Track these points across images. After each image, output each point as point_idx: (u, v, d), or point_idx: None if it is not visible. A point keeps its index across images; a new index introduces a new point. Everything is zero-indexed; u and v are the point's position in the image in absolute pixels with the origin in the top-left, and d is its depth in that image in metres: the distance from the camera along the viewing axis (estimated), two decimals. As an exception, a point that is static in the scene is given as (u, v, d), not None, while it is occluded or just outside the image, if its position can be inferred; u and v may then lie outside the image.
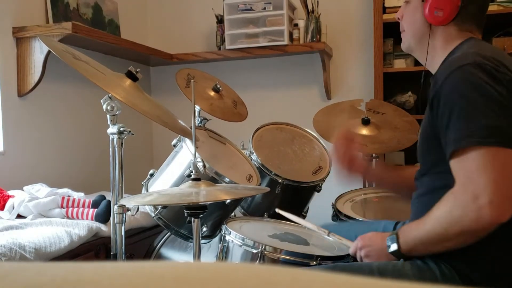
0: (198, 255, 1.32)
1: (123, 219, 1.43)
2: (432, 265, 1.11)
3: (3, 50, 2.17)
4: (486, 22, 1.26)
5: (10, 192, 1.93)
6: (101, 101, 1.37)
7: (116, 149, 1.40)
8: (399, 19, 1.33)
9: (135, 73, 1.37)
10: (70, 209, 1.80)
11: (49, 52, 2.16)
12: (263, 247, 1.33)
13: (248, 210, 1.93)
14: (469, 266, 1.09)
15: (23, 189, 1.97)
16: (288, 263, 1.31)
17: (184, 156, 1.62)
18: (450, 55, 1.19)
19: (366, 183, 2.28)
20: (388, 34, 2.63)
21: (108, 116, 1.39)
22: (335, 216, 1.89)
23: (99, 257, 1.76)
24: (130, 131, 1.40)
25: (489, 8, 1.28)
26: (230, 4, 2.82)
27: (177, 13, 3.29)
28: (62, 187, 2.00)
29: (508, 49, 2.42)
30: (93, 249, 1.74)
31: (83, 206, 1.82)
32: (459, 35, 1.20)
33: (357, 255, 1.23)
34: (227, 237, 1.44)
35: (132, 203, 1.26)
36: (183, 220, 1.44)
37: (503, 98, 1.01)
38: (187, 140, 1.59)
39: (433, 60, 1.25)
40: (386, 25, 2.60)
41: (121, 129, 1.38)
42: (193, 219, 1.29)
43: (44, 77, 2.22)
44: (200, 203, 1.23)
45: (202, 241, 1.70)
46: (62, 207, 1.82)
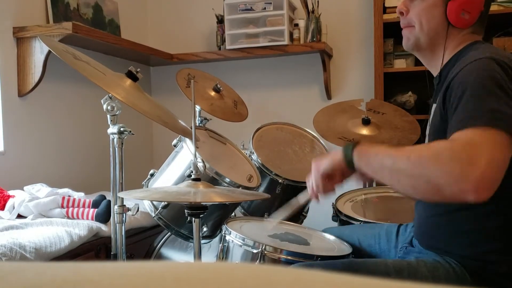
0: (198, 255, 1.32)
1: (123, 219, 1.43)
2: (445, 262, 1.11)
3: (3, 50, 2.17)
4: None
5: (11, 192, 1.93)
6: (102, 101, 1.38)
7: (117, 149, 1.40)
8: (402, 13, 1.24)
9: (135, 73, 1.37)
10: (71, 209, 1.81)
11: (49, 52, 2.16)
12: (263, 247, 1.33)
13: (248, 210, 1.93)
14: (480, 265, 1.09)
15: (23, 189, 1.97)
16: (289, 263, 1.31)
17: (185, 156, 1.62)
18: (454, 57, 1.18)
19: (366, 183, 2.28)
20: (388, 34, 2.63)
21: (108, 116, 1.39)
22: (335, 216, 1.88)
23: (99, 257, 1.76)
24: (130, 131, 1.40)
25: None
26: (230, 4, 2.82)
27: (177, 13, 3.29)
28: (63, 187, 2.00)
29: (508, 49, 2.42)
30: (93, 249, 1.74)
31: (84, 206, 1.82)
32: (469, 38, 1.19)
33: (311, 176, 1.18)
34: (227, 237, 1.44)
35: (128, 197, 1.26)
36: (183, 220, 1.44)
37: None
38: (187, 140, 1.59)
39: (438, 61, 1.22)
40: (387, 25, 2.60)
41: (122, 129, 1.38)
42: (193, 219, 1.29)
43: (44, 77, 2.22)
44: (195, 203, 1.23)
45: (203, 241, 1.70)
46: (62, 207, 1.82)
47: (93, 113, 2.67)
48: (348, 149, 1.06)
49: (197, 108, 1.90)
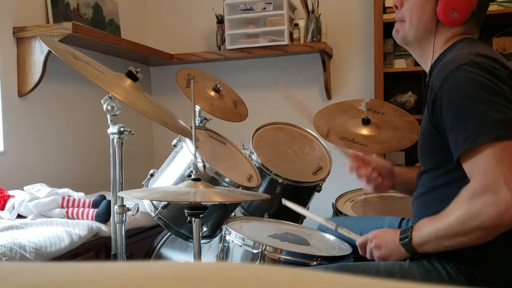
0: (198, 255, 1.32)
1: (123, 219, 1.43)
2: (438, 266, 1.11)
3: (3, 50, 2.17)
4: (486, 22, 1.25)
5: (11, 192, 1.93)
6: (102, 101, 1.38)
7: (116, 149, 1.40)
8: (396, 7, 1.26)
9: (135, 73, 1.37)
10: (71, 209, 1.81)
11: (49, 52, 2.16)
12: (263, 247, 1.33)
13: (248, 210, 1.93)
14: (475, 268, 1.08)
15: (23, 189, 1.97)
16: (289, 263, 1.31)
17: (185, 156, 1.62)
18: (442, 55, 1.18)
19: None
20: (388, 34, 2.63)
21: (108, 116, 1.39)
22: (336, 215, 1.89)
23: (99, 257, 1.76)
24: (130, 131, 1.40)
25: (489, 8, 1.27)
26: (230, 4, 2.82)
27: (177, 13, 3.29)
28: (62, 187, 2.00)
29: (508, 49, 2.42)
30: (93, 249, 1.74)
31: (83, 206, 1.82)
32: (458, 36, 1.19)
33: (367, 247, 1.21)
34: (227, 237, 1.44)
35: (128, 196, 1.26)
36: (183, 220, 1.44)
37: (506, 92, 1.00)
38: (187, 140, 1.59)
39: (428, 57, 1.22)
40: (387, 25, 2.60)
41: (121, 129, 1.38)
42: (193, 219, 1.29)
43: (44, 77, 2.22)
44: (195, 203, 1.23)
45: (202, 241, 1.70)
46: (62, 207, 1.82)
47: (93, 113, 2.67)
48: (408, 246, 1.10)
49: (197, 108, 1.89)
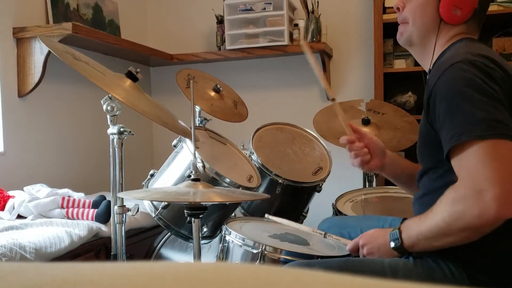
0: (198, 255, 1.32)
1: (123, 219, 1.43)
2: (442, 265, 1.11)
3: (3, 51, 2.17)
4: (486, 22, 1.25)
5: (10, 193, 1.93)
6: (101, 101, 1.37)
7: (116, 149, 1.40)
8: (398, 9, 1.26)
9: (135, 73, 1.37)
10: (70, 210, 1.80)
11: (49, 53, 2.16)
12: (263, 247, 1.33)
13: (248, 210, 1.93)
14: (478, 267, 1.08)
15: (23, 190, 1.97)
16: (289, 263, 1.31)
17: (185, 156, 1.62)
18: (441, 54, 1.19)
19: (367, 183, 2.29)
20: (388, 34, 2.63)
21: (108, 116, 1.39)
22: (335, 215, 1.88)
23: (99, 257, 1.76)
24: (130, 132, 1.40)
25: (489, 8, 1.28)
26: (230, 4, 2.82)
27: (177, 13, 3.29)
28: (62, 188, 2.00)
29: (508, 49, 2.42)
30: (93, 249, 1.74)
31: (83, 206, 1.82)
32: (459, 35, 1.19)
33: (359, 252, 1.22)
34: (227, 237, 1.44)
35: (128, 197, 1.27)
36: (183, 221, 1.44)
37: (497, 93, 1.00)
38: (187, 141, 1.59)
39: (429, 57, 1.23)
40: (386, 25, 2.60)
41: (121, 129, 1.38)
42: (193, 219, 1.29)
43: (44, 78, 2.22)
44: (194, 203, 1.23)
45: (202, 241, 1.70)
46: (62, 207, 1.82)
47: (93, 113, 2.67)
48: (400, 250, 1.11)
49: (197, 108, 1.90)
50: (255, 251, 1.35)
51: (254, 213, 1.90)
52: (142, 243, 1.97)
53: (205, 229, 1.63)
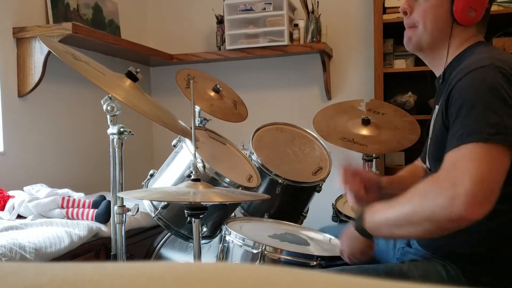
0: (198, 255, 1.32)
1: (123, 219, 1.43)
2: (438, 267, 1.10)
3: (3, 51, 2.17)
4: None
5: (10, 193, 1.93)
6: (101, 101, 1.37)
7: (116, 149, 1.40)
8: (405, 13, 1.21)
9: (135, 73, 1.37)
10: (70, 210, 1.80)
11: (49, 53, 2.16)
12: (263, 248, 1.33)
13: (248, 210, 1.93)
14: (476, 266, 1.08)
15: (23, 190, 1.97)
16: (289, 263, 1.31)
17: (184, 156, 1.62)
18: (457, 58, 1.17)
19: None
20: (388, 34, 2.63)
21: (108, 116, 1.39)
22: (335, 217, 1.89)
23: (99, 257, 1.76)
24: (130, 132, 1.40)
25: (490, 8, 1.27)
26: (230, 4, 2.82)
27: (177, 13, 3.29)
28: (62, 188, 2.00)
29: (508, 49, 2.42)
30: (93, 249, 1.74)
31: (83, 206, 1.82)
32: (472, 37, 1.18)
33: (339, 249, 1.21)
34: (227, 238, 1.44)
35: (128, 197, 1.27)
36: (183, 221, 1.43)
37: None
38: (187, 141, 1.59)
39: (441, 61, 1.20)
40: (386, 25, 2.60)
41: (121, 129, 1.38)
42: (193, 219, 1.29)
43: (44, 78, 2.22)
44: (194, 203, 1.23)
45: (202, 241, 1.70)
46: (62, 207, 1.82)
47: (93, 113, 2.67)
48: (360, 228, 1.09)
49: (197, 108, 1.90)
50: (255, 251, 1.35)
51: (254, 213, 1.90)
52: (142, 243, 1.97)
53: (205, 229, 1.63)
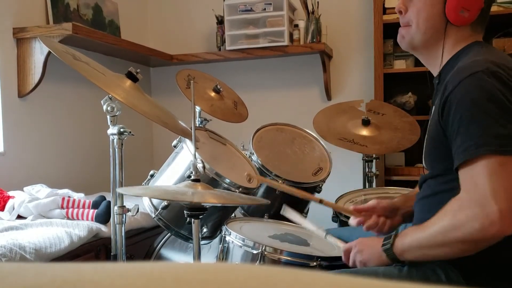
0: (198, 256, 1.32)
1: (123, 219, 1.43)
2: (438, 270, 1.10)
3: (3, 51, 2.17)
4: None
5: (10, 193, 1.93)
6: (101, 101, 1.37)
7: (116, 149, 1.40)
8: (400, 12, 1.21)
9: (135, 73, 1.37)
10: (70, 210, 1.80)
11: (49, 53, 2.16)
12: (263, 248, 1.33)
13: (248, 210, 1.93)
14: (477, 268, 1.08)
15: (23, 190, 1.97)
16: (289, 263, 1.31)
17: (185, 157, 1.62)
18: (454, 58, 1.16)
19: (367, 184, 2.28)
20: (388, 35, 2.63)
21: (108, 116, 1.39)
22: (335, 217, 1.89)
23: (99, 257, 1.76)
24: (130, 132, 1.40)
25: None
26: (230, 4, 2.82)
27: (177, 13, 3.29)
28: (62, 188, 2.00)
29: (508, 49, 2.42)
30: (93, 249, 1.74)
31: (83, 206, 1.82)
32: (468, 37, 1.17)
33: (351, 253, 1.19)
34: (227, 238, 1.44)
35: (127, 193, 1.27)
36: (183, 221, 1.43)
37: None
38: (187, 141, 1.59)
39: (436, 60, 1.20)
40: (386, 25, 2.60)
41: (121, 129, 1.38)
42: (193, 220, 1.29)
43: (44, 78, 2.22)
44: (193, 203, 1.23)
45: (202, 242, 1.70)
46: (62, 207, 1.82)
47: (93, 113, 2.67)
48: (389, 252, 1.10)
49: (197, 109, 1.90)
50: (255, 251, 1.35)
51: (254, 213, 1.90)
52: (142, 244, 1.97)
53: (205, 230, 1.63)
